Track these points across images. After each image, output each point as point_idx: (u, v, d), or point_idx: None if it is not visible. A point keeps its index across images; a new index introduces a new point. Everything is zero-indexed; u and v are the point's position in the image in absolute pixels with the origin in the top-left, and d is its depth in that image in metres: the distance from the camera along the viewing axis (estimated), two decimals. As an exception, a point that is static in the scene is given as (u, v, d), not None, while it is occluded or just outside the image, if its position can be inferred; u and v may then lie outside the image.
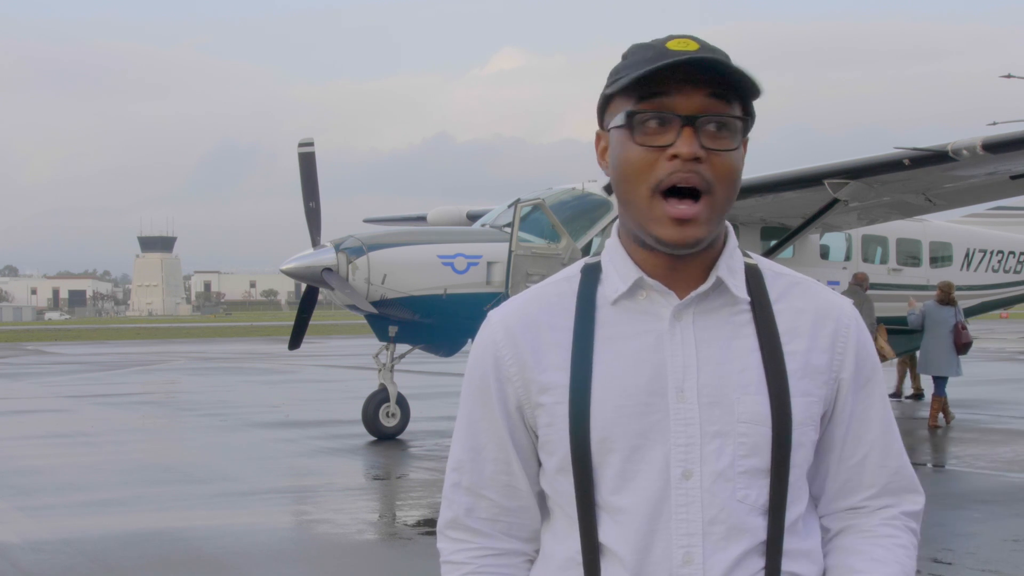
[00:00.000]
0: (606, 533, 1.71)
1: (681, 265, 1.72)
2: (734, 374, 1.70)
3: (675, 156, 1.64)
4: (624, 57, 1.73)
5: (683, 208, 1.64)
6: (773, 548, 1.70)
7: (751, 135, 1.79)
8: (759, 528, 1.69)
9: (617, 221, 1.81)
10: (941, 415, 14.52)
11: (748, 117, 1.71)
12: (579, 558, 1.72)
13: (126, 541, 8.06)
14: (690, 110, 1.64)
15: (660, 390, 1.69)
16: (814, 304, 1.78)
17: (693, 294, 1.71)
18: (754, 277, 1.77)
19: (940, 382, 14.57)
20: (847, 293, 14.83)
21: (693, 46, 1.66)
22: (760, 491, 1.69)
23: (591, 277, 1.79)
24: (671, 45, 1.66)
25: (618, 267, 1.75)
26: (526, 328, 1.78)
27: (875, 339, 14.63)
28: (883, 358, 14.81)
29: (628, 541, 1.69)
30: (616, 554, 1.69)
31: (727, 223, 1.79)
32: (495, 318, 1.83)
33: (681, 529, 1.67)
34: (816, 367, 1.74)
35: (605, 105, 1.74)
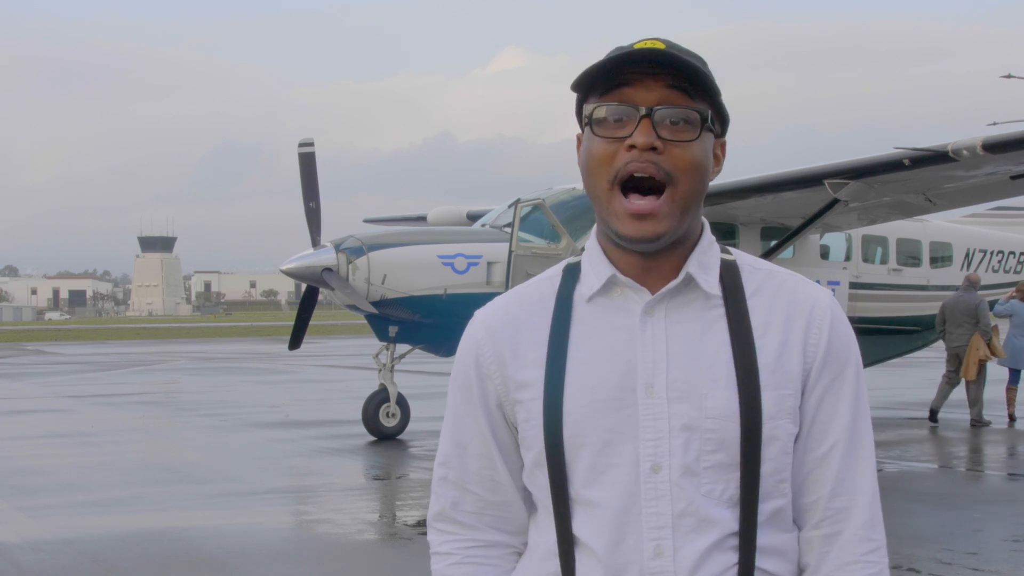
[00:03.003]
0: (580, 526, 1.74)
1: (654, 263, 1.75)
2: (704, 369, 1.72)
3: (632, 146, 1.68)
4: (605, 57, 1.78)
5: (641, 203, 1.68)
6: (745, 542, 1.71)
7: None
8: (729, 520, 1.70)
9: (596, 222, 1.84)
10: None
11: (715, 114, 1.74)
12: (557, 550, 1.76)
13: (126, 541, 8.06)
14: (648, 102, 1.68)
15: (630, 385, 1.72)
16: (789, 297, 1.78)
17: (663, 290, 1.74)
18: (730, 272, 1.78)
19: (1015, 374, 15.23)
20: (960, 294, 15.08)
21: (659, 46, 1.70)
22: (728, 485, 1.71)
23: (571, 276, 1.83)
24: (638, 46, 1.71)
25: (594, 266, 1.79)
26: (506, 326, 1.82)
27: (989, 340, 14.79)
28: (995, 357, 14.95)
29: (600, 534, 1.72)
30: (589, 547, 1.72)
31: (703, 220, 1.81)
32: (478, 317, 1.89)
33: (651, 522, 1.70)
34: (790, 359, 1.74)
35: (579, 108, 1.78)
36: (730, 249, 1.83)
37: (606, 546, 1.71)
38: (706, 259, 1.77)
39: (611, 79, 1.70)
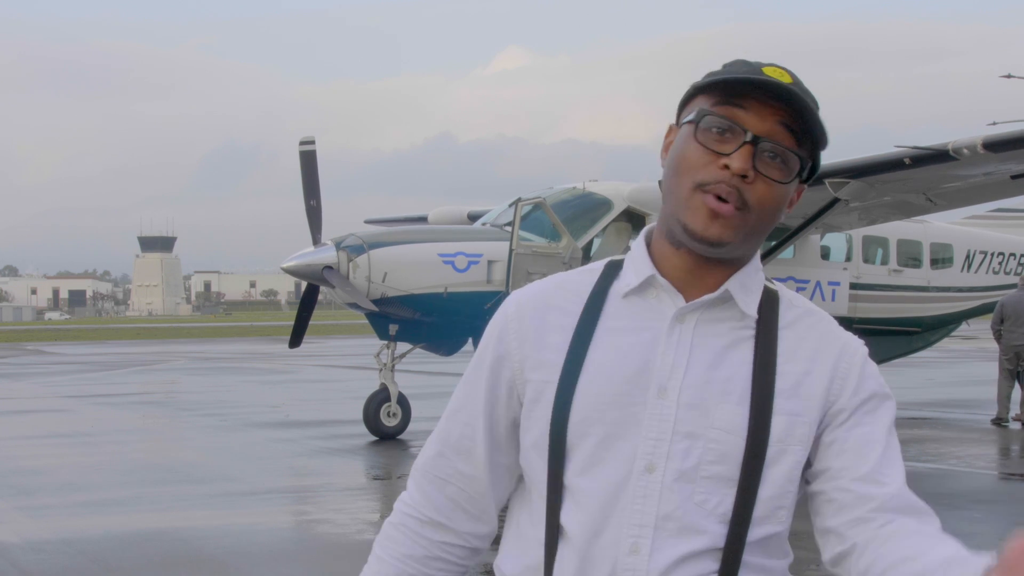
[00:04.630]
0: (566, 514, 1.74)
1: (700, 272, 1.76)
2: (720, 381, 1.72)
3: (727, 167, 1.68)
4: (724, 66, 1.77)
5: (721, 204, 1.69)
6: (730, 558, 1.69)
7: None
8: (716, 535, 1.69)
9: (651, 224, 1.85)
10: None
11: (811, 162, 1.74)
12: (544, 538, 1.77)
13: (126, 541, 8.05)
14: (757, 130, 1.69)
15: (643, 384, 1.73)
16: (821, 334, 1.79)
17: (699, 300, 1.75)
18: (769, 302, 1.79)
19: None
20: (1020, 292, 15.06)
21: (787, 78, 1.71)
22: (722, 499, 1.70)
23: (611, 272, 1.84)
24: (766, 70, 1.71)
25: (636, 264, 1.80)
26: (536, 308, 1.84)
27: None
28: None
29: (582, 523, 1.72)
30: (569, 535, 1.73)
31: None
32: (512, 298, 1.90)
33: (634, 520, 1.69)
34: (810, 390, 1.74)
35: (685, 103, 1.78)
36: (776, 282, 1.84)
37: (585, 535, 1.71)
38: (749, 282, 1.78)
39: (731, 92, 1.71)
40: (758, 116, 1.69)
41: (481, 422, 1.85)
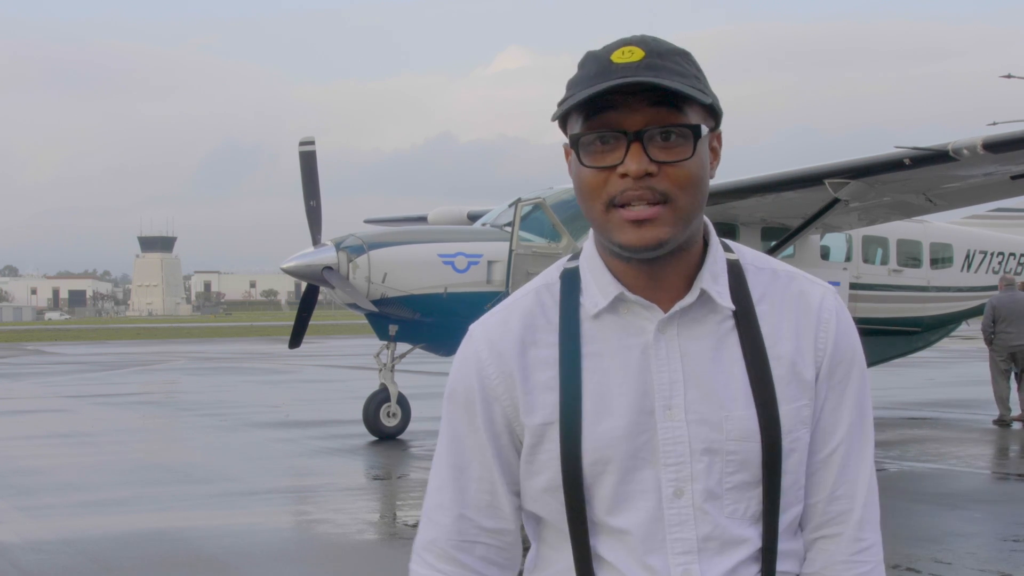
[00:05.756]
0: (606, 548, 1.70)
1: (660, 274, 1.69)
2: (720, 388, 1.68)
3: (625, 175, 1.61)
4: (579, 67, 1.68)
5: (640, 210, 1.61)
6: (768, 554, 1.70)
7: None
8: (754, 537, 1.70)
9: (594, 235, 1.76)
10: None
11: (707, 114, 1.66)
12: (574, 567, 1.72)
13: (126, 541, 8.06)
14: (635, 125, 1.60)
15: (648, 408, 1.67)
16: (795, 299, 1.74)
17: (677, 307, 1.68)
18: (736, 276, 1.73)
19: None
20: (1012, 294, 15.01)
21: (638, 55, 1.61)
22: (751, 502, 1.69)
23: (571, 286, 1.75)
24: (615, 57, 1.62)
25: (597, 279, 1.72)
26: (511, 344, 1.74)
27: None
28: None
29: (625, 559, 1.69)
30: (617, 567, 1.70)
31: (705, 219, 1.75)
32: (477, 333, 1.80)
33: (677, 548, 1.67)
34: (803, 368, 1.71)
35: (564, 120, 1.69)
36: (731, 245, 1.78)
37: (633, 568, 1.68)
38: (716, 268, 1.71)
39: (592, 102, 1.61)
40: (630, 108, 1.60)
41: (497, 472, 1.76)
